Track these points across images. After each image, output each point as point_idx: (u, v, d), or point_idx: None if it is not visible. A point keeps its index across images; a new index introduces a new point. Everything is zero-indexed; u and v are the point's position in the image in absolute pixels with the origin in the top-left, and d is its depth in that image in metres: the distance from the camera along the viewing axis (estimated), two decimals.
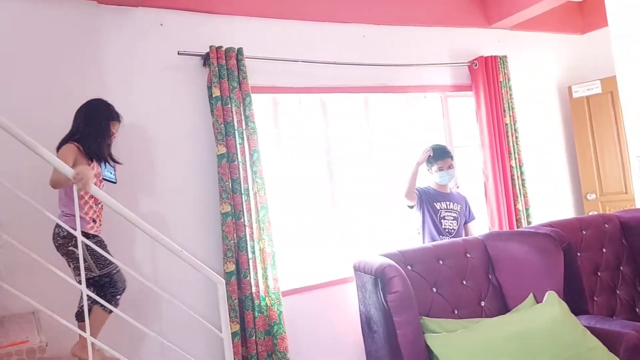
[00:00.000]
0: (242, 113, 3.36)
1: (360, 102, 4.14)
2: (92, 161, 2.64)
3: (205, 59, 3.36)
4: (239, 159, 3.31)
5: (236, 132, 3.32)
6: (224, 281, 2.66)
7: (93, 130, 2.64)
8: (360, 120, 4.14)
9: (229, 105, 3.31)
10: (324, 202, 3.94)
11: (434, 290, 2.70)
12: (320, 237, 3.92)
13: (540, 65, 5.04)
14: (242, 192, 3.30)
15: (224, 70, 3.33)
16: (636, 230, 3.04)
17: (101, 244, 2.63)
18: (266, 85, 3.63)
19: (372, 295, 2.59)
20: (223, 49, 3.35)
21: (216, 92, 3.29)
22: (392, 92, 4.18)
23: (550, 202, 4.85)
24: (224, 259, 3.25)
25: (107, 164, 2.77)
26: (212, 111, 3.31)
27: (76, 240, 2.28)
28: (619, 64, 3.41)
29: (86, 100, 2.73)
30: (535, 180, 4.73)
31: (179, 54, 3.30)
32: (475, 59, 4.43)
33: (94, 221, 2.65)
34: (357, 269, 2.83)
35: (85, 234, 2.52)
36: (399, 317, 2.38)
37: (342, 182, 4.03)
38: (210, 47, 3.32)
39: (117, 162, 2.81)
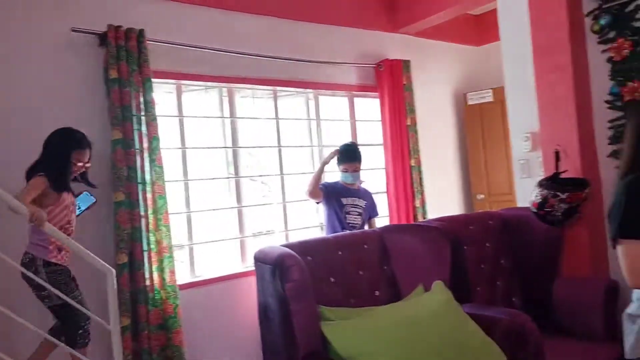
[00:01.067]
0: (142, 98, 3.23)
1: (268, 95, 4.14)
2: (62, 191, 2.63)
3: (102, 38, 3.18)
4: (137, 146, 3.18)
5: (134, 117, 3.18)
6: (114, 270, 2.54)
7: (54, 162, 2.61)
8: (267, 113, 4.13)
9: (128, 89, 3.16)
10: (226, 194, 3.89)
11: (332, 280, 2.75)
12: (223, 230, 3.86)
13: (440, 72, 5.33)
14: (139, 180, 3.16)
15: (123, 52, 3.17)
16: (516, 227, 3.29)
17: (64, 273, 2.61)
18: (170, 70, 3.52)
19: (270, 285, 2.59)
20: (123, 29, 3.19)
21: (113, 74, 3.13)
22: (300, 88, 4.22)
23: (444, 200, 5.13)
24: (116, 250, 3.09)
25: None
26: (108, 94, 3.14)
27: (35, 268, 2.50)
28: (508, 76, 3.69)
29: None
30: (432, 179, 4.98)
31: (72, 31, 3.10)
32: (381, 61, 4.59)
33: (59, 250, 2.63)
34: (257, 259, 2.82)
35: (47, 262, 2.56)
36: (296, 306, 2.40)
37: (248, 174, 4.00)
38: (109, 26, 3.15)
39: (93, 186, 2.87)
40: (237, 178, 3.89)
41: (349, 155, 3.80)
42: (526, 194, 3.22)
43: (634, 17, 3.02)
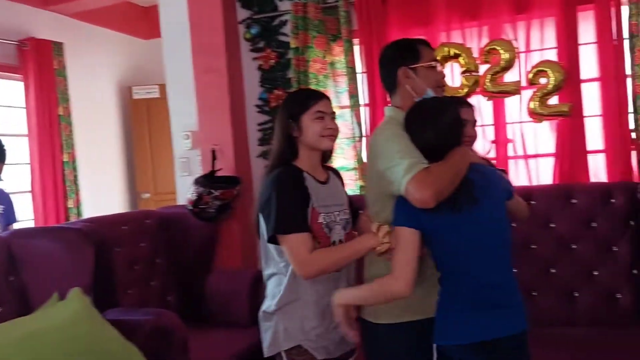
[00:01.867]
0: None
1: None
2: None
3: None
4: None
5: None
6: None
7: None
8: None
9: None
10: None
11: None
12: None
13: (102, 61, 4.96)
14: None
15: None
16: (174, 225, 3.26)
17: None
18: None
19: None
20: None
21: None
22: None
23: (106, 199, 4.79)
24: None
25: None
26: None
27: None
28: (169, 73, 3.65)
29: None
30: (91, 177, 4.59)
31: None
32: (25, 39, 3.97)
33: None
34: None
35: None
36: None
37: None
38: None
39: None
40: None
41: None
42: (186, 191, 3.23)
43: (279, 31, 3.35)
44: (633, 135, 2.73)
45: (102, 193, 4.76)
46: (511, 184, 1.76)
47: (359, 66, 3.16)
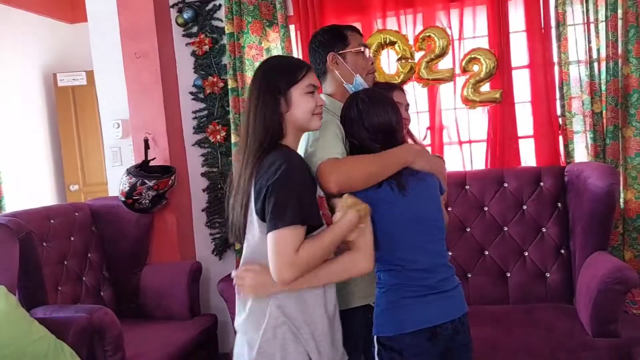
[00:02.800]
0: None
1: None
2: None
3: None
4: None
5: None
6: None
7: None
8: None
9: None
10: None
11: None
12: None
13: (24, 46, 4.63)
14: None
15: None
16: (105, 217, 3.12)
17: None
18: None
19: None
20: None
21: None
22: None
23: (31, 192, 4.51)
24: None
25: None
26: None
27: None
28: (96, 59, 3.46)
29: None
30: (13, 168, 4.30)
31: None
32: None
33: None
34: None
35: None
36: None
37: None
38: None
39: None
40: None
41: None
42: (118, 182, 3.08)
43: (213, 15, 3.24)
44: (560, 121, 2.86)
45: (26, 185, 4.46)
46: (443, 179, 1.77)
47: (295, 52, 3.11)
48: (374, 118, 1.56)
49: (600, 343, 2.15)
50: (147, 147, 3.16)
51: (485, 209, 2.79)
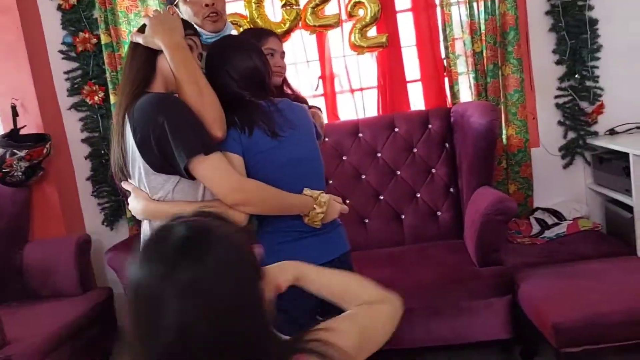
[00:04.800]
0: None
1: None
2: None
3: None
4: None
5: None
6: None
7: None
8: None
9: None
10: None
11: None
12: None
13: None
14: None
15: None
16: None
17: None
18: None
19: None
20: None
21: None
22: None
23: None
24: None
25: None
26: None
27: None
28: None
29: None
30: None
31: None
32: None
33: None
34: None
35: None
36: None
37: None
38: None
39: None
40: None
41: None
42: None
43: None
44: (445, 62, 2.90)
45: None
46: (321, 127, 1.75)
47: None
48: (238, 63, 1.47)
49: (485, 272, 2.25)
50: (15, 114, 2.87)
51: (379, 155, 2.81)
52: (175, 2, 1.61)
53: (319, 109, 1.95)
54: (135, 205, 1.44)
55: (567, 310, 1.89)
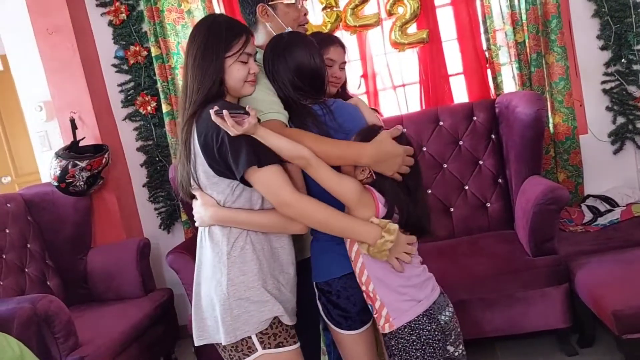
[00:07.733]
0: None
1: None
2: None
3: None
4: None
5: None
6: None
7: None
8: None
9: None
10: None
11: None
12: None
13: None
14: None
15: None
16: (40, 205, 3.00)
17: None
18: None
19: None
20: None
21: None
22: None
23: None
24: None
25: None
26: None
27: None
28: (7, 41, 3.24)
29: None
30: None
31: None
32: None
33: None
34: None
35: None
36: None
37: None
38: None
39: None
40: None
41: None
42: (48, 168, 2.95)
43: None
44: (487, 54, 2.90)
45: None
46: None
47: (217, 10, 3.01)
48: (297, 57, 1.50)
49: (539, 261, 2.26)
50: (74, 127, 3.02)
51: (424, 149, 2.84)
52: (270, 3, 1.62)
53: (377, 110, 1.97)
54: (201, 211, 1.45)
55: (627, 297, 1.89)
